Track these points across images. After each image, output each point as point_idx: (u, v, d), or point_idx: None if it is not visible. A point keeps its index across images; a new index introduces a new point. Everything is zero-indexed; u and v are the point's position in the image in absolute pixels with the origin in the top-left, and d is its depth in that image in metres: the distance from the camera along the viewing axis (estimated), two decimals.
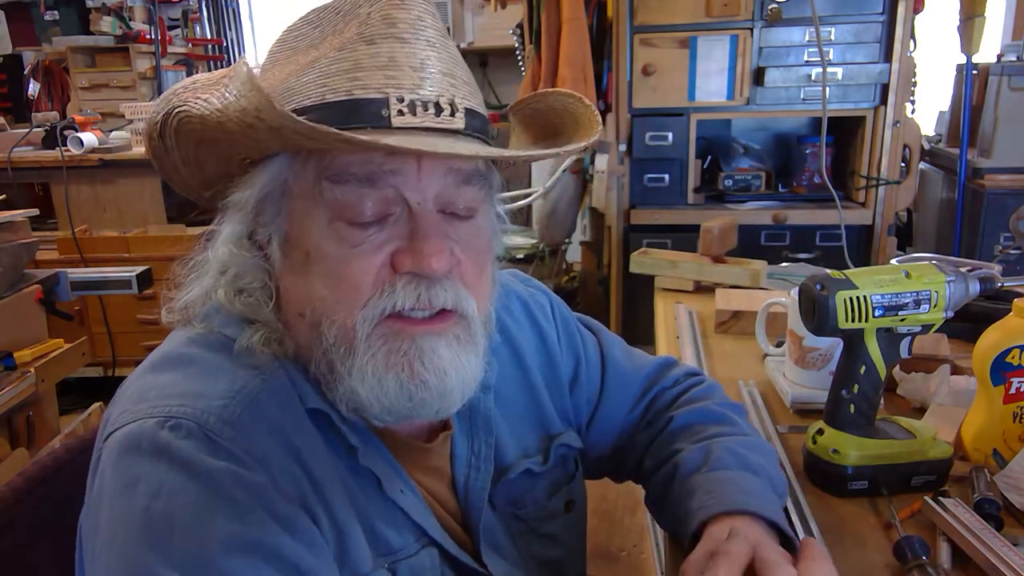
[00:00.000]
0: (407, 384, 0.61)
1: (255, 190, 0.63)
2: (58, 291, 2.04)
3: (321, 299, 0.61)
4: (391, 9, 0.60)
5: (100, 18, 4.19)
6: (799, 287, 0.86)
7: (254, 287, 0.65)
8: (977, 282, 0.83)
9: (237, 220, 0.65)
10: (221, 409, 0.59)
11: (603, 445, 0.88)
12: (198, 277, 0.68)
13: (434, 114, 0.59)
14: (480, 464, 0.74)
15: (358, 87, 0.58)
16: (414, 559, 0.66)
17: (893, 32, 2.41)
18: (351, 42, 0.59)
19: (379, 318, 0.60)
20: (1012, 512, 0.80)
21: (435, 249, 0.60)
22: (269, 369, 0.63)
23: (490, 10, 3.87)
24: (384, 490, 0.65)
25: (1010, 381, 0.86)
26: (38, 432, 1.98)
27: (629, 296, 2.66)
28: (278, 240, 0.64)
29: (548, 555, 0.80)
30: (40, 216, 2.62)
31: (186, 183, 0.70)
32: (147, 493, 0.55)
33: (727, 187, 2.75)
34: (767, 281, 1.60)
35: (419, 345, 0.61)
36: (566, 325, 0.88)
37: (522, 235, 3.21)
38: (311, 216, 0.61)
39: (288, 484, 0.59)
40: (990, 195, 2.71)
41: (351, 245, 0.60)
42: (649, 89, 2.55)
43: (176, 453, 0.56)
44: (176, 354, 0.65)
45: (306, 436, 0.62)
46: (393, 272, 0.61)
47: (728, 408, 0.86)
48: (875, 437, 0.85)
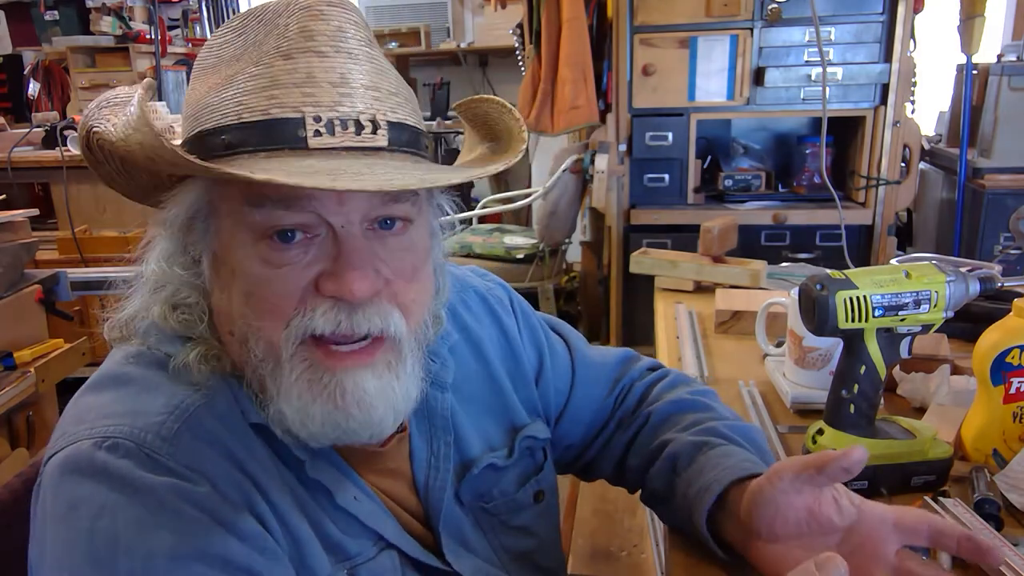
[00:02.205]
0: (333, 414, 0.60)
1: (182, 208, 0.62)
2: (58, 291, 2.04)
3: (243, 316, 0.60)
4: (309, 20, 0.57)
5: (100, 18, 4.20)
6: (799, 287, 0.86)
7: (189, 302, 0.64)
8: (977, 282, 0.82)
9: (168, 237, 0.64)
10: (159, 426, 0.58)
11: (575, 434, 0.89)
12: (135, 293, 0.67)
13: (354, 132, 0.57)
14: (440, 464, 0.74)
15: (275, 106, 0.56)
16: (373, 563, 0.66)
17: (893, 32, 2.41)
18: (268, 56, 0.57)
19: (301, 338, 0.59)
20: (1012, 512, 0.80)
21: (357, 276, 0.57)
22: (209, 385, 0.62)
23: (490, 10, 3.88)
24: (336, 499, 0.65)
25: (1010, 381, 0.86)
26: (38, 432, 1.98)
27: (629, 296, 2.66)
28: (208, 258, 0.63)
29: (521, 547, 0.80)
30: (40, 216, 2.61)
31: (126, 189, 0.68)
32: (89, 515, 0.55)
33: (727, 187, 2.75)
34: (767, 281, 1.60)
35: (340, 379, 0.59)
36: (526, 318, 0.88)
37: (522, 235, 3.21)
38: (236, 236, 0.59)
39: (233, 493, 0.58)
40: (990, 195, 2.71)
41: (274, 266, 0.58)
42: (649, 89, 2.54)
43: (115, 472, 0.56)
44: (114, 374, 0.64)
45: (250, 449, 0.61)
46: (317, 293, 0.59)
47: (702, 395, 0.87)
48: (875, 437, 0.85)
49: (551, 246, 2.98)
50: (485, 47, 5.03)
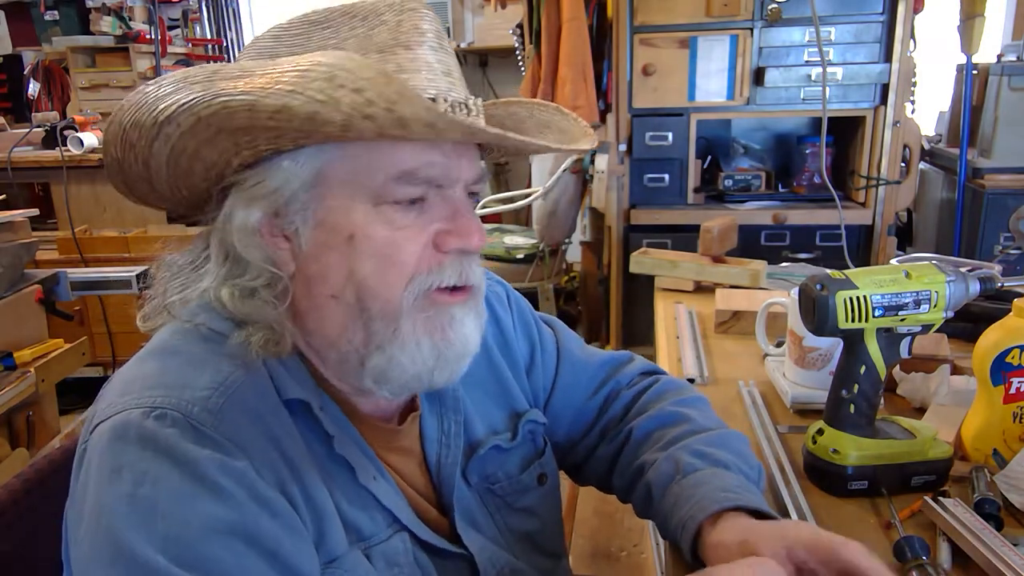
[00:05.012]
0: (439, 344, 0.66)
1: (293, 179, 0.63)
2: (58, 291, 2.05)
3: (365, 277, 0.64)
4: (419, 20, 0.64)
5: (100, 18, 4.20)
6: (799, 287, 0.86)
7: (260, 284, 0.66)
8: (977, 282, 0.82)
9: (255, 210, 0.64)
10: (205, 400, 0.60)
11: (559, 432, 0.91)
12: (189, 275, 0.69)
13: (466, 113, 0.66)
14: (450, 441, 0.77)
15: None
16: (386, 544, 0.68)
17: (893, 32, 2.41)
18: (388, 46, 0.63)
19: (422, 293, 0.65)
20: (1012, 512, 0.80)
21: (476, 228, 0.66)
22: (251, 363, 0.64)
23: (490, 10, 3.88)
24: (358, 478, 0.67)
25: (1010, 381, 0.86)
26: (38, 432, 1.98)
27: (629, 296, 2.66)
28: (310, 226, 0.65)
29: (525, 528, 0.82)
30: (40, 216, 2.62)
31: (145, 179, 0.67)
32: (132, 480, 0.56)
33: (727, 187, 2.75)
34: (767, 281, 1.60)
35: (452, 313, 0.67)
36: (521, 313, 0.91)
37: (522, 235, 3.20)
38: (354, 200, 0.63)
39: (269, 471, 0.61)
40: (990, 195, 2.71)
41: (398, 227, 0.64)
42: (649, 89, 2.54)
43: (162, 441, 0.57)
44: (161, 347, 0.67)
45: (284, 425, 0.64)
46: (436, 251, 0.65)
47: (684, 405, 0.87)
48: (875, 437, 0.85)
49: (551, 246, 2.98)
50: (485, 47, 5.02)
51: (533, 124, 0.79)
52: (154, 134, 0.62)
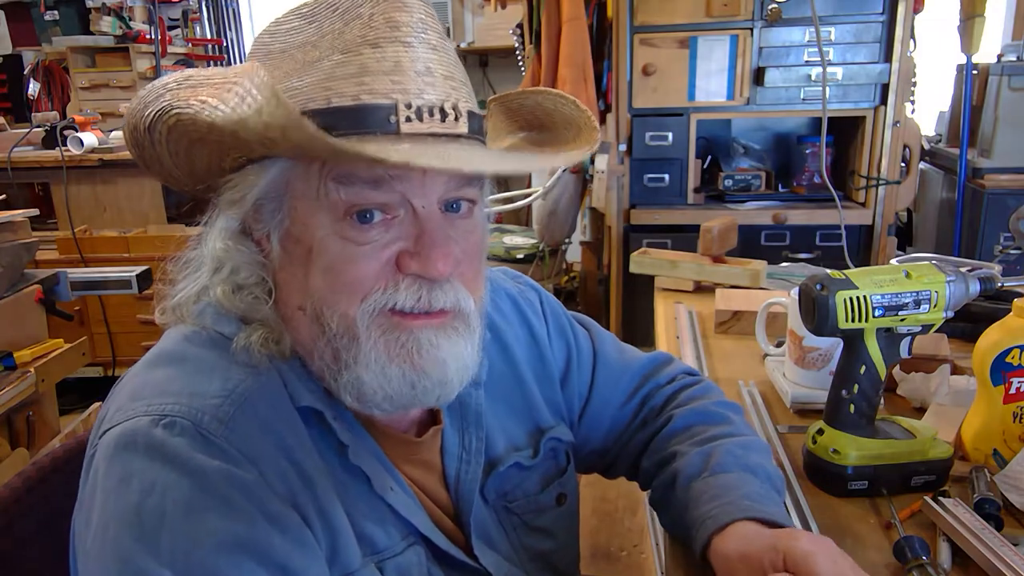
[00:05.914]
0: (409, 374, 0.62)
1: (254, 189, 0.63)
2: (58, 291, 2.04)
3: (320, 292, 0.62)
4: (394, 12, 0.59)
5: (100, 18, 4.19)
6: (799, 287, 0.86)
7: (251, 282, 0.66)
8: (977, 282, 0.82)
9: (231, 216, 0.65)
10: (215, 408, 0.59)
11: (595, 439, 0.89)
12: (193, 274, 0.68)
13: (439, 119, 0.60)
14: (471, 458, 0.75)
15: (365, 92, 0.58)
16: (400, 558, 0.67)
17: (893, 32, 2.41)
18: (355, 45, 0.59)
19: (379, 311, 0.62)
20: (1012, 512, 0.80)
21: (441, 255, 0.61)
22: (262, 368, 0.63)
23: (490, 10, 3.87)
24: (374, 488, 0.66)
25: (1010, 381, 0.86)
26: (38, 432, 1.98)
27: (629, 296, 2.66)
28: (278, 236, 0.64)
29: (541, 548, 0.80)
30: (40, 216, 2.62)
31: (169, 174, 0.69)
32: (140, 490, 0.55)
33: (727, 187, 2.75)
34: (767, 281, 1.59)
35: (416, 337, 0.62)
36: (556, 320, 0.89)
37: (522, 235, 3.20)
38: (315, 214, 0.61)
39: (280, 483, 0.59)
40: (990, 195, 2.71)
41: (356, 244, 0.61)
42: (649, 89, 2.54)
43: (170, 451, 0.56)
44: (171, 352, 0.66)
45: (297, 435, 0.63)
46: (397, 271, 0.61)
47: (726, 408, 0.86)
48: (875, 437, 0.85)
49: (551, 246, 2.98)
50: (485, 47, 5.02)
51: (560, 119, 0.74)
52: (148, 137, 0.63)
